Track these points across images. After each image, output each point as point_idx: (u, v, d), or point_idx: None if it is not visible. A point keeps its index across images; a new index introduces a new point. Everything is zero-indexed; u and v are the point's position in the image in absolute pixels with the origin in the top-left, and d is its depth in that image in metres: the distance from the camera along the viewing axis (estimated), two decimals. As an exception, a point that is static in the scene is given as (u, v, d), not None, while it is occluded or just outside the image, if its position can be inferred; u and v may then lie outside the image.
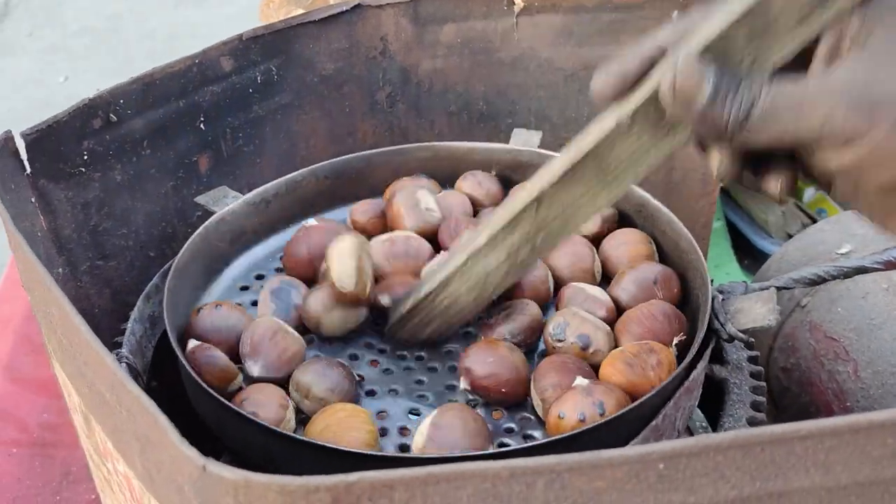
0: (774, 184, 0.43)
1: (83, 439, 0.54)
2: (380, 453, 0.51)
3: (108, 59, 2.97)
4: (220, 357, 0.54)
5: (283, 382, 0.55)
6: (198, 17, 3.15)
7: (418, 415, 0.56)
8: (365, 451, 0.49)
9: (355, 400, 0.55)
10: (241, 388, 0.55)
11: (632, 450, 0.33)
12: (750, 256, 1.28)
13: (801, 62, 0.42)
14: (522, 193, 0.49)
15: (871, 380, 0.80)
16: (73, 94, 0.63)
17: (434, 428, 0.50)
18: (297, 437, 0.49)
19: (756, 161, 0.43)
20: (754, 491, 0.35)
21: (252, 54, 0.75)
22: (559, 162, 0.47)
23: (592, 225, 0.68)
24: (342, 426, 0.51)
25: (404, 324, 0.58)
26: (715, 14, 0.41)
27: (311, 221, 0.69)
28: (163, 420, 0.35)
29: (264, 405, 0.52)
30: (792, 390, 0.89)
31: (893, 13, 0.39)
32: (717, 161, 0.44)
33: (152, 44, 3.03)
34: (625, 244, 0.65)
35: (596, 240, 0.67)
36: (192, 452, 0.33)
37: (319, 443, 0.48)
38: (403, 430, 0.54)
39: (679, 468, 0.34)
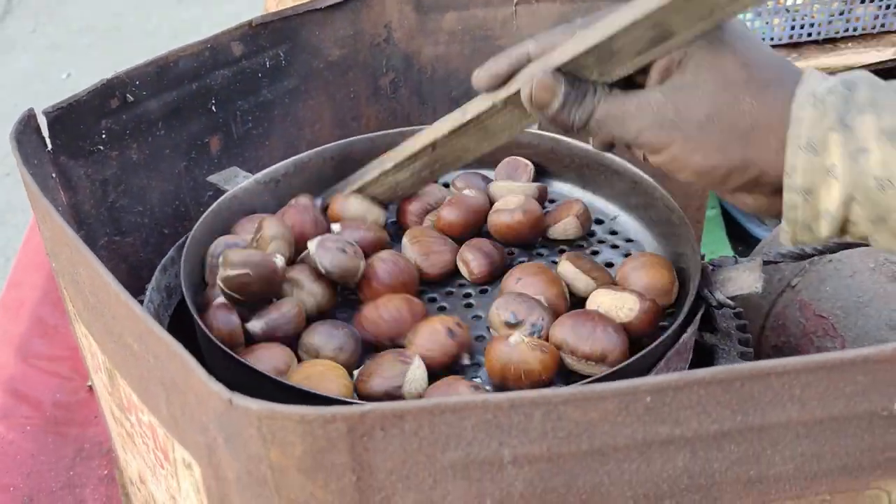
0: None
1: (105, 399, 0.57)
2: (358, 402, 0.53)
3: (110, 57, 2.99)
4: (233, 319, 0.57)
5: (289, 343, 0.58)
6: (200, 14, 3.18)
7: None
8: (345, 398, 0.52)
9: (360, 358, 0.58)
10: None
11: (621, 383, 0.36)
12: (744, 244, 1.31)
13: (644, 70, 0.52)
14: (421, 137, 0.65)
15: (857, 354, 0.83)
16: (75, 90, 0.65)
17: None
18: (293, 384, 0.52)
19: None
20: (735, 425, 0.38)
21: (261, 40, 0.78)
22: (449, 121, 0.62)
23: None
24: (323, 377, 0.54)
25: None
26: (571, 40, 0.52)
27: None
28: (190, 360, 0.38)
29: (266, 361, 0.55)
30: (782, 367, 0.92)
31: (705, 49, 0.49)
32: (593, 142, 0.57)
33: (154, 41, 3.05)
34: (643, 267, 0.63)
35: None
36: (218, 387, 0.36)
37: (310, 389, 0.51)
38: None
39: (665, 401, 0.37)
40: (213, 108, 0.77)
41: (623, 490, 0.39)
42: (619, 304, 0.57)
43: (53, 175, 0.65)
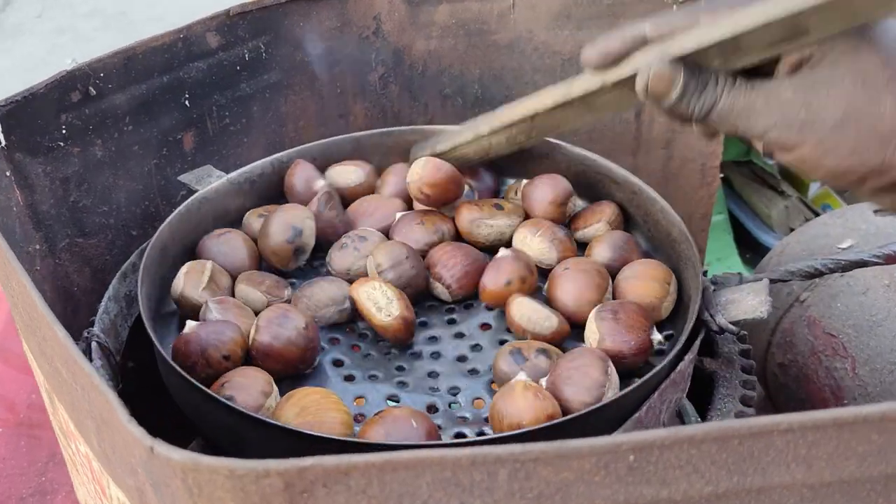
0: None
1: (52, 418, 0.53)
2: (362, 440, 0.48)
3: (116, 42, 2.95)
4: (204, 339, 0.52)
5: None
6: (208, 1, 3.14)
7: (397, 401, 0.54)
8: (344, 438, 0.47)
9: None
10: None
11: (601, 440, 0.31)
12: (752, 251, 1.25)
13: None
14: (522, 107, 0.63)
15: (868, 377, 0.78)
16: None
17: None
18: (266, 419, 0.48)
19: None
20: (731, 486, 0.33)
21: (239, 30, 0.74)
22: (554, 94, 0.59)
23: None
24: (320, 408, 0.49)
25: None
26: (695, 29, 0.48)
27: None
28: (112, 398, 0.33)
29: (245, 389, 0.50)
30: (789, 387, 0.87)
31: (843, 44, 0.45)
32: (698, 129, 0.52)
33: (161, 27, 3.01)
34: (635, 278, 0.59)
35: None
36: (139, 432, 0.32)
37: (290, 427, 0.47)
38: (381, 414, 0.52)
39: (651, 460, 0.32)
40: (187, 102, 0.72)
41: (602, 556, 0.34)
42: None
43: (7, 173, 0.61)
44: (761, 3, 0.45)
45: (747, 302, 0.55)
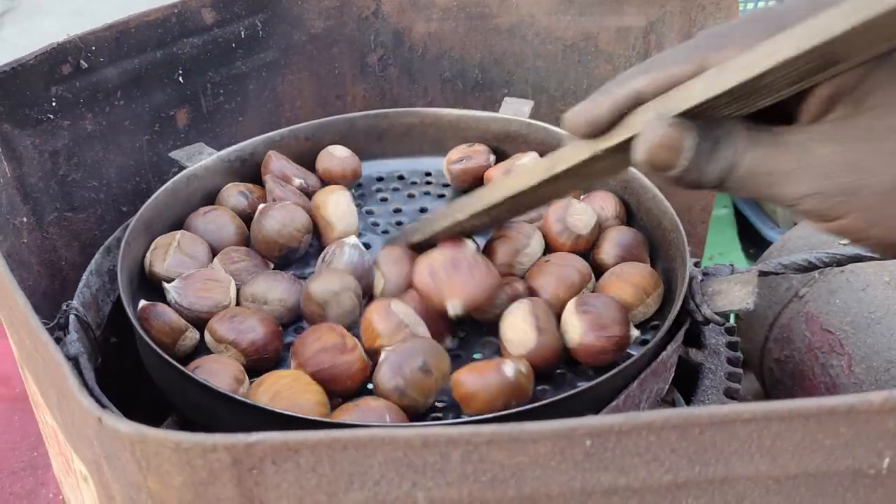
0: None
1: (28, 391, 0.53)
2: (339, 421, 0.48)
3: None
4: (170, 314, 0.52)
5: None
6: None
7: None
8: (316, 418, 0.46)
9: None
10: (194, 347, 0.53)
11: (556, 423, 0.30)
12: (756, 245, 1.24)
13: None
14: (502, 188, 0.53)
15: (864, 375, 0.77)
16: None
17: None
18: (243, 398, 0.47)
19: None
20: (693, 476, 0.33)
21: (236, 7, 0.73)
22: (537, 171, 0.50)
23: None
24: (293, 391, 0.49)
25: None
26: (701, 76, 0.38)
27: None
28: (66, 368, 0.33)
29: (217, 374, 0.50)
30: (784, 383, 0.86)
31: (890, 76, 0.35)
32: None
33: (175, 9, 3.01)
34: (619, 277, 0.57)
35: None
36: (88, 403, 0.31)
37: (261, 406, 0.46)
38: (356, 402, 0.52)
39: (608, 447, 0.31)
40: (181, 79, 0.72)
41: (559, 542, 0.34)
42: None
43: (-5, 144, 0.60)
44: (783, 35, 0.35)
45: (734, 293, 0.53)
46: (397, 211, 0.70)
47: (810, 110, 0.37)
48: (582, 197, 0.67)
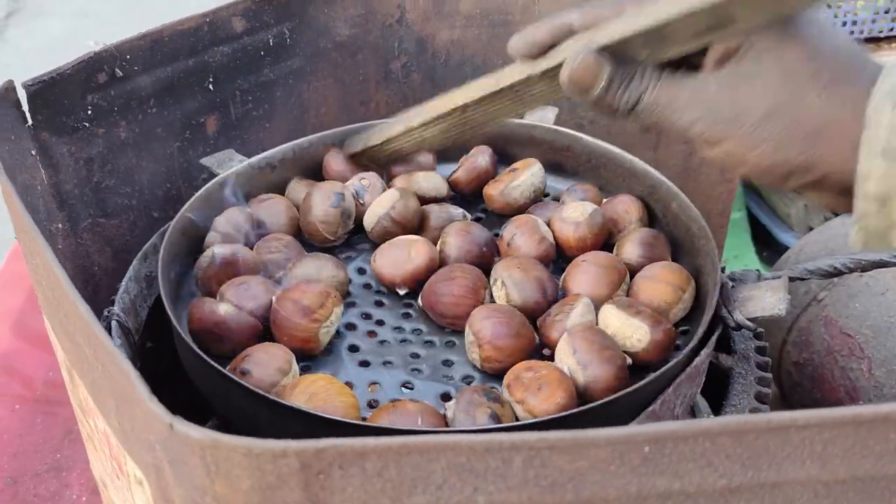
0: None
1: (71, 395, 0.53)
2: (374, 424, 0.49)
3: (137, 25, 2.97)
4: (219, 314, 0.53)
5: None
6: (227, -14, 3.14)
7: (411, 388, 0.54)
8: (356, 422, 0.47)
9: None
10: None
11: (616, 430, 0.31)
12: (770, 249, 1.25)
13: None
14: (451, 99, 0.61)
15: (884, 378, 0.78)
16: None
17: None
18: (279, 400, 0.48)
19: None
20: (745, 480, 0.33)
21: (265, 16, 0.74)
22: (481, 86, 0.58)
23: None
24: (328, 394, 0.50)
25: (358, 155, 0.70)
26: (620, 18, 0.47)
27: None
28: (133, 375, 0.34)
29: (263, 365, 0.51)
30: (804, 385, 0.87)
31: (768, 37, 0.44)
32: None
33: (183, 11, 3.02)
34: (649, 279, 0.58)
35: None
36: (159, 409, 0.32)
37: (305, 409, 0.47)
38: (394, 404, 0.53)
39: (665, 452, 0.32)
40: (211, 86, 0.73)
41: (613, 545, 0.34)
42: (629, 333, 0.52)
43: (33, 152, 0.61)
44: None
45: (765, 299, 0.54)
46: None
47: (707, 63, 0.46)
48: (605, 201, 0.68)
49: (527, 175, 0.69)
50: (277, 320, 0.54)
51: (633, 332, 0.52)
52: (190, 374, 0.55)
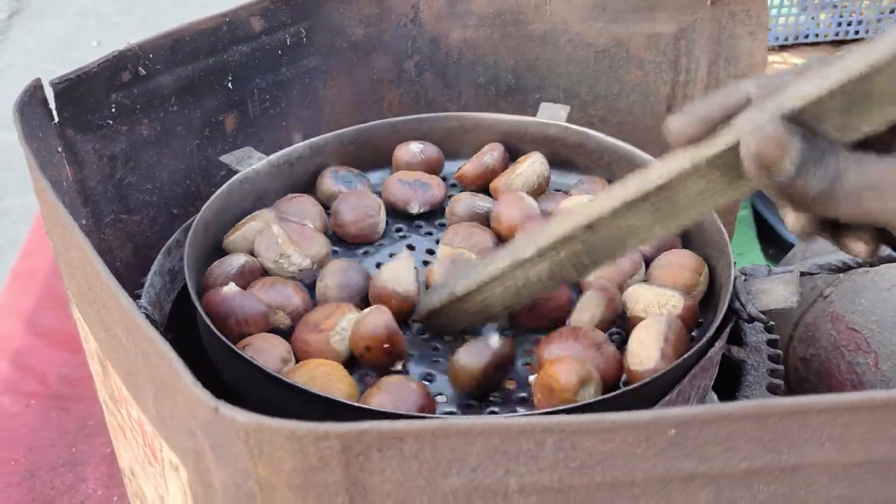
0: (858, 247, 0.42)
1: (99, 386, 0.55)
2: (376, 408, 0.50)
3: (139, 25, 2.98)
4: (240, 304, 0.55)
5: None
6: (230, -15, 3.15)
7: (431, 381, 0.56)
8: (351, 403, 0.49)
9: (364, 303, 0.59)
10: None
11: (644, 413, 0.33)
12: (775, 246, 1.26)
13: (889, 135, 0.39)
14: (577, 216, 0.48)
15: (891, 372, 0.79)
16: None
17: None
18: (297, 384, 0.49)
19: (836, 223, 0.42)
20: (766, 463, 0.35)
21: (282, 15, 0.75)
22: (619, 192, 0.45)
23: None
24: (328, 379, 0.51)
25: (433, 317, 0.56)
26: (810, 76, 0.38)
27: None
28: (177, 363, 0.35)
29: (264, 353, 0.53)
30: (810, 381, 0.88)
31: None
32: (794, 220, 0.43)
33: (185, 11, 3.04)
34: (667, 266, 0.59)
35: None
36: (204, 395, 0.34)
37: (318, 392, 0.49)
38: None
39: (690, 435, 0.33)
40: (230, 85, 0.74)
41: (638, 526, 0.36)
42: (664, 301, 0.54)
43: (59, 149, 0.63)
44: (881, 41, 0.35)
45: (778, 292, 0.56)
46: (441, 211, 0.73)
47: None
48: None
49: (527, 164, 0.71)
50: (292, 342, 0.56)
51: (668, 300, 0.54)
52: (215, 362, 0.56)
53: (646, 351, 0.52)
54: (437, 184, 0.72)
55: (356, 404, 0.48)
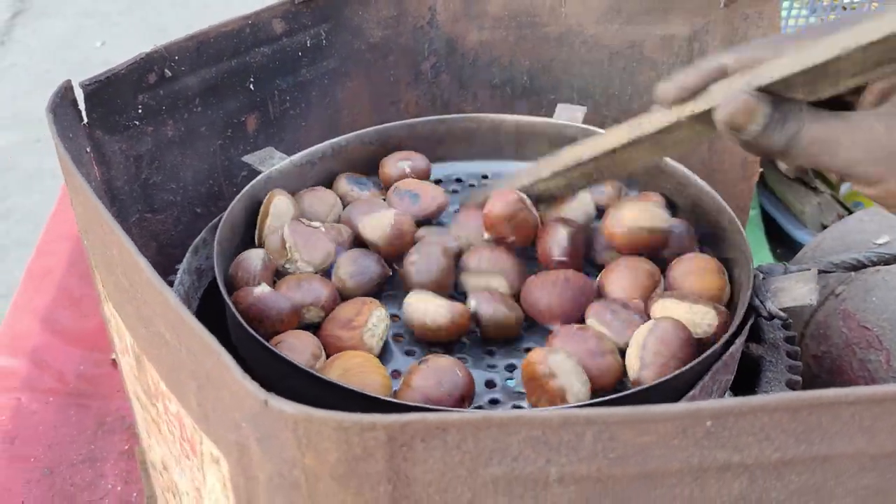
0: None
1: (131, 382, 0.56)
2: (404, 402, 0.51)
3: (141, 26, 2.99)
4: (268, 302, 0.56)
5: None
6: (228, -14, 3.17)
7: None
8: (388, 399, 0.50)
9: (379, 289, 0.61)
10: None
11: (681, 406, 0.34)
12: (783, 246, 1.27)
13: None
14: (586, 148, 0.60)
15: (903, 370, 0.80)
16: (108, 59, 0.64)
17: None
18: (334, 380, 0.50)
19: None
20: (798, 454, 0.36)
21: (303, 18, 0.76)
22: (619, 133, 0.56)
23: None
24: (363, 371, 0.52)
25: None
26: (784, 56, 0.46)
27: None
28: (226, 357, 0.36)
29: (296, 350, 0.54)
30: (822, 378, 0.89)
31: None
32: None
33: (186, 12, 3.05)
34: (692, 273, 0.60)
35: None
36: (254, 387, 0.35)
37: (353, 388, 0.50)
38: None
39: (726, 426, 0.34)
40: (251, 86, 0.75)
41: (673, 515, 0.37)
42: (699, 319, 0.55)
43: (88, 149, 0.64)
44: (852, 26, 0.43)
45: (797, 290, 0.57)
46: (456, 211, 0.74)
47: (865, 101, 0.46)
48: (628, 196, 0.71)
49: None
50: (322, 337, 0.57)
51: (703, 318, 0.54)
52: (245, 357, 0.57)
53: (630, 361, 0.54)
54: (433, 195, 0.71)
55: (387, 399, 0.50)
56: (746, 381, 0.62)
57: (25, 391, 0.96)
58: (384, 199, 0.71)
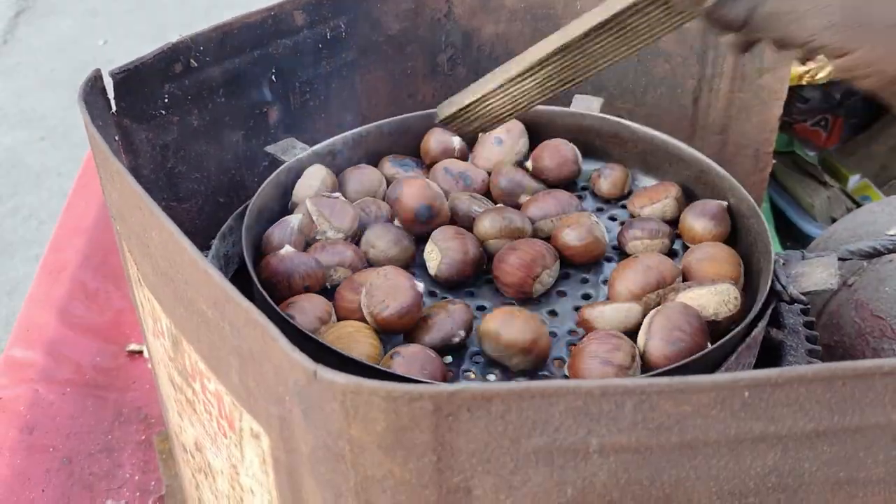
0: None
1: (165, 364, 0.57)
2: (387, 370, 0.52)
3: (145, 25, 3.00)
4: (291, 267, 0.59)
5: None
6: (236, -15, 3.17)
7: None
8: (373, 364, 0.52)
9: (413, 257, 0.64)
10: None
11: (720, 376, 0.35)
12: (792, 239, 1.28)
13: None
14: (551, 41, 0.59)
15: (916, 357, 0.81)
16: (112, 57, 0.65)
17: None
18: (329, 344, 0.52)
19: None
20: (831, 424, 0.37)
21: (324, 10, 0.77)
22: (585, 20, 0.57)
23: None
24: (352, 339, 0.54)
25: (450, 119, 0.66)
26: None
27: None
28: (273, 330, 0.37)
29: (305, 312, 0.56)
30: (834, 367, 0.90)
31: None
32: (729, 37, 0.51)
33: (190, 9, 3.05)
34: (707, 259, 0.61)
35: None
36: (302, 358, 0.35)
37: (342, 352, 0.52)
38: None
39: (763, 397, 0.35)
40: (273, 77, 0.76)
41: (708, 485, 0.38)
42: (723, 299, 0.55)
43: (116, 138, 0.65)
44: None
45: (818, 274, 0.58)
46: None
47: None
48: (643, 187, 0.71)
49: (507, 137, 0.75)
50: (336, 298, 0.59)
51: (728, 296, 0.55)
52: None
53: (639, 340, 0.56)
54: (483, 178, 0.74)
55: (371, 364, 0.52)
56: (767, 366, 0.63)
57: (42, 382, 0.97)
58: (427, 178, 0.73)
